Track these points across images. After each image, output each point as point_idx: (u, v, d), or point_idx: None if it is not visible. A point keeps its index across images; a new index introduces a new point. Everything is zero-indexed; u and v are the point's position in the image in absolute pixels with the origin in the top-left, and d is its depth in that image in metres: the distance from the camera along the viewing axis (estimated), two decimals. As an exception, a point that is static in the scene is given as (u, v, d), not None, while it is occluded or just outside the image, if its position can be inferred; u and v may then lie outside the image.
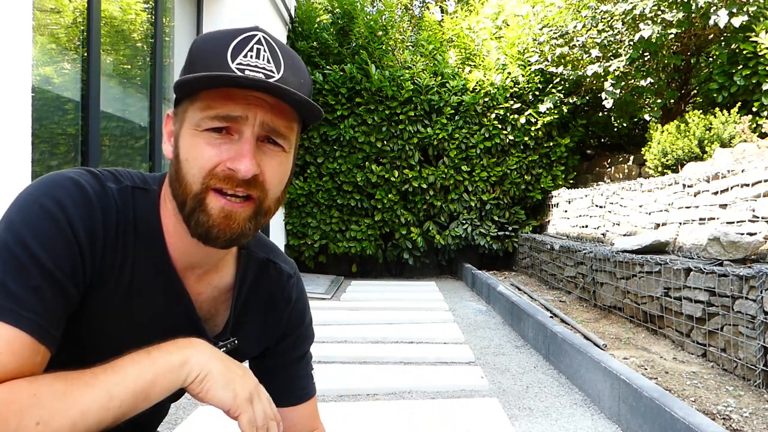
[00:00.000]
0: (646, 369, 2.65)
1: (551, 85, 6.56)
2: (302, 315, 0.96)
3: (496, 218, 6.84)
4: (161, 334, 0.74)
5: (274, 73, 0.68)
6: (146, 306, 0.74)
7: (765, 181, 2.98)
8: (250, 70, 0.66)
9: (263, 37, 0.69)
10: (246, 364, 0.89)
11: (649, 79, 5.46)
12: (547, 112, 6.49)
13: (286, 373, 0.91)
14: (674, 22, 4.92)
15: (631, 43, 5.28)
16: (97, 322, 0.71)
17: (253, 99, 0.67)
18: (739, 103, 4.89)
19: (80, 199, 0.66)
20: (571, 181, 6.90)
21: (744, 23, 4.52)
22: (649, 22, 5.00)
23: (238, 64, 0.66)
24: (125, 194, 0.72)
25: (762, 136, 4.56)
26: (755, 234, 2.98)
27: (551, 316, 3.73)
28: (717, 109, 4.77)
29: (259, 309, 0.88)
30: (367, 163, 6.56)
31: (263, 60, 0.68)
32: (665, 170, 4.82)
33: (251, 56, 0.67)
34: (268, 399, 0.73)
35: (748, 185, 3.13)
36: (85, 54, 3.09)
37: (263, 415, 0.70)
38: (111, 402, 0.61)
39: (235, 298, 0.83)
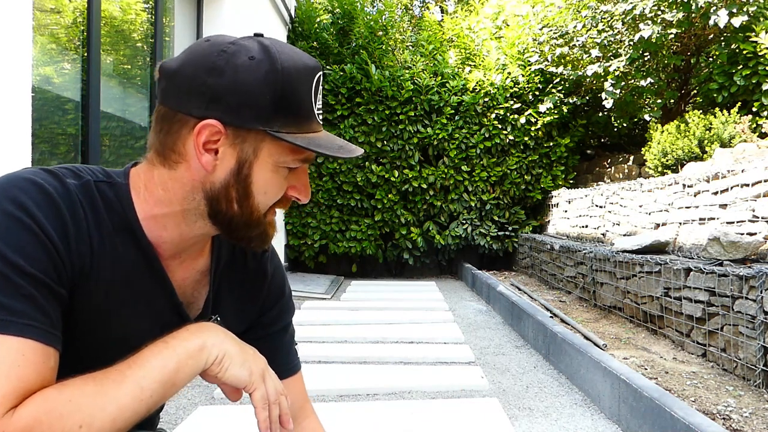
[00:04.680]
0: (646, 369, 2.65)
1: (551, 85, 6.56)
2: (281, 288, 0.97)
3: (496, 218, 6.84)
4: (148, 323, 0.76)
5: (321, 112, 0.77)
6: (131, 296, 0.74)
7: (765, 181, 2.99)
8: (320, 114, 0.75)
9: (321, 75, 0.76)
10: None
11: (649, 79, 5.46)
12: (547, 112, 6.49)
13: (271, 346, 0.93)
14: (674, 22, 4.92)
15: (631, 43, 5.28)
16: (87, 320, 0.71)
17: None
18: (739, 103, 4.89)
19: (42, 199, 0.65)
20: (571, 181, 6.90)
21: (744, 23, 4.52)
22: (649, 22, 5.00)
23: (317, 109, 0.74)
24: (88, 189, 0.71)
25: (762, 136, 4.56)
26: (755, 234, 2.98)
27: (551, 316, 3.73)
28: (717, 109, 4.77)
29: (236, 285, 0.89)
30: (367, 163, 6.56)
31: (321, 102, 0.76)
32: (665, 170, 4.82)
33: (319, 100, 0.74)
34: (276, 376, 0.76)
35: (748, 185, 3.13)
36: (85, 54, 3.09)
37: (275, 391, 0.74)
38: (143, 394, 0.63)
39: (212, 276, 0.85)
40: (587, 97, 6.70)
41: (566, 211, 6.21)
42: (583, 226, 5.65)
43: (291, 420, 0.76)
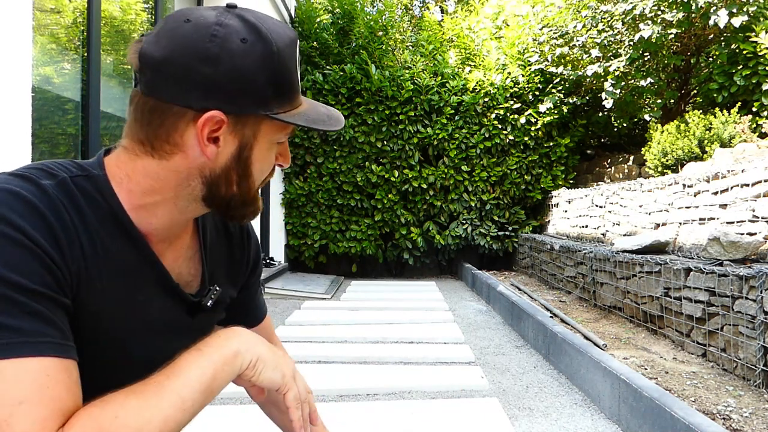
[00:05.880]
0: (646, 369, 2.65)
1: (551, 85, 6.57)
2: (258, 247, 1.00)
3: (496, 218, 6.84)
4: (149, 313, 0.75)
5: None
6: (126, 290, 0.73)
7: (765, 181, 2.99)
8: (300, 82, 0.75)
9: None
10: None
11: (649, 79, 5.46)
12: (547, 112, 6.49)
13: (251, 301, 0.99)
14: (674, 22, 4.92)
15: (631, 43, 5.28)
16: (90, 325, 0.69)
17: None
18: (739, 103, 4.90)
19: (24, 208, 0.62)
20: (571, 181, 6.90)
21: (744, 23, 4.52)
22: (649, 22, 5.00)
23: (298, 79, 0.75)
24: (65, 187, 0.68)
25: (762, 136, 4.56)
26: (755, 234, 2.98)
27: (551, 316, 3.73)
28: (717, 109, 4.77)
29: (225, 254, 0.90)
30: (367, 163, 6.57)
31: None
32: (665, 170, 4.82)
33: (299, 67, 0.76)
34: (302, 376, 0.80)
35: (748, 185, 3.13)
36: (85, 54, 3.09)
37: (304, 390, 0.77)
38: (184, 404, 0.64)
39: (203, 248, 0.85)
40: (587, 97, 6.71)
41: (566, 211, 6.21)
42: (583, 226, 5.65)
43: (318, 416, 0.79)
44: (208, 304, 0.82)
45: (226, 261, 0.90)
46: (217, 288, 0.85)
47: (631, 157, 6.27)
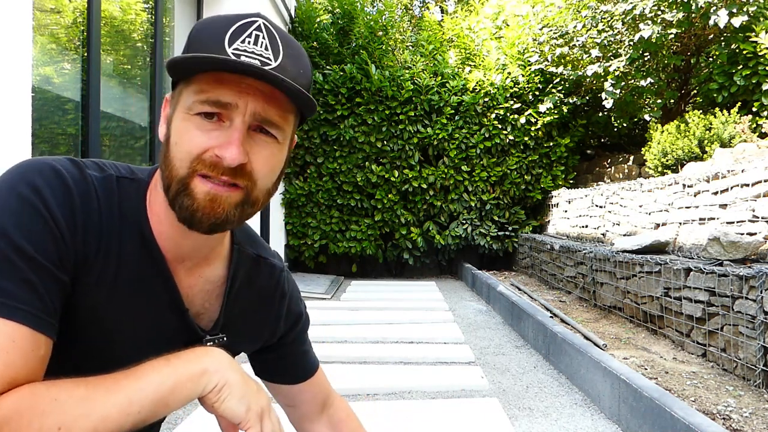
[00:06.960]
0: (646, 369, 2.65)
1: (551, 85, 6.57)
2: (299, 306, 0.97)
3: (496, 218, 6.84)
4: (150, 326, 0.74)
5: (271, 60, 0.66)
6: (135, 297, 0.72)
7: (765, 181, 2.98)
8: (246, 56, 0.65)
9: (263, 23, 0.68)
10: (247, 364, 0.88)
11: (649, 79, 5.46)
12: (547, 112, 6.49)
13: (294, 358, 0.95)
14: (674, 22, 4.92)
15: (631, 43, 5.28)
16: (88, 318, 0.69)
17: (245, 86, 0.65)
18: (739, 103, 4.90)
19: (57, 185, 0.65)
20: (571, 181, 6.90)
21: (744, 23, 4.52)
22: (649, 22, 5.00)
23: (234, 49, 0.65)
24: (108, 183, 0.70)
25: (762, 136, 4.56)
26: (755, 234, 2.98)
27: (551, 316, 3.73)
28: (717, 109, 4.77)
29: (252, 305, 0.87)
30: (367, 163, 6.56)
31: (261, 47, 0.66)
32: (665, 170, 4.82)
33: (249, 42, 0.66)
34: (278, 419, 0.72)
35: (748, 185, 3.13)
36: (85, 54, 3.09)
37: None
38: (131, 408, 0.60)
39: (227, 292, 0.82)
40: (587, 97, 6.71)
41: (566, 211, 6.21)
42: (583, 226, 5.65)
43: None
44: (208, 345, 0.79)
45: (251, 314, 0.87)
46: (224, 337, 0.82)
47: (631, 157, 6.27)
